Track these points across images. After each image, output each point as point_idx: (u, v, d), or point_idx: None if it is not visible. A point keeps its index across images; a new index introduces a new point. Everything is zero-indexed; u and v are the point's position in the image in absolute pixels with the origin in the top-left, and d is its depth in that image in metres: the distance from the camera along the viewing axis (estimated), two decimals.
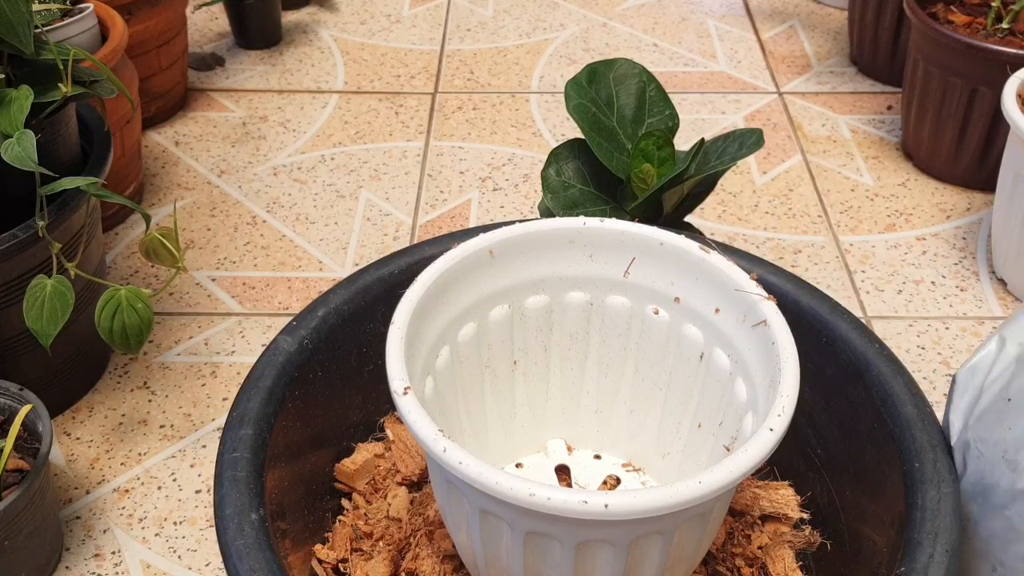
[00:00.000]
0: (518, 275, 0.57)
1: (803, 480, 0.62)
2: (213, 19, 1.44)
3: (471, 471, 0.43)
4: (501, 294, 0.57)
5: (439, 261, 0.54)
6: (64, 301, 0.68)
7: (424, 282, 0.52)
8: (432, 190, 1.10)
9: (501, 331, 0.58)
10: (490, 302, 0.57)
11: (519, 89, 1.29)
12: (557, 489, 0.42)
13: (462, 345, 0.56)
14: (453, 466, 0.43)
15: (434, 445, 0.44)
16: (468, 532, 0.49)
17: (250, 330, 0.92)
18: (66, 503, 0.76)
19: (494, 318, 0.57)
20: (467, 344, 0.56)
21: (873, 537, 0.54)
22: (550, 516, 0.42)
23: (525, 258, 0.57)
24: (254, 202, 1.08)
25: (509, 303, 0.58)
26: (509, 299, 0.57)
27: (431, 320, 0.53)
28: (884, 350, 0.57)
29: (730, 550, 0.58)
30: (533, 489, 0.42)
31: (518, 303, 0.58)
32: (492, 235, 0.56)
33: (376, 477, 0.63)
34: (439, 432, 0.44)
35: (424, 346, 0.52)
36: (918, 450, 0.52)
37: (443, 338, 0.54)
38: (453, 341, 0.55)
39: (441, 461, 0.44)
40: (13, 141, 0.66)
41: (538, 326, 0.59)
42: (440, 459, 0.44)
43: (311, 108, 1.24)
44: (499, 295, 0.57)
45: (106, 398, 0.85)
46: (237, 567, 0.46)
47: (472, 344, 0.57)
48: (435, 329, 0.53)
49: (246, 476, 0.51)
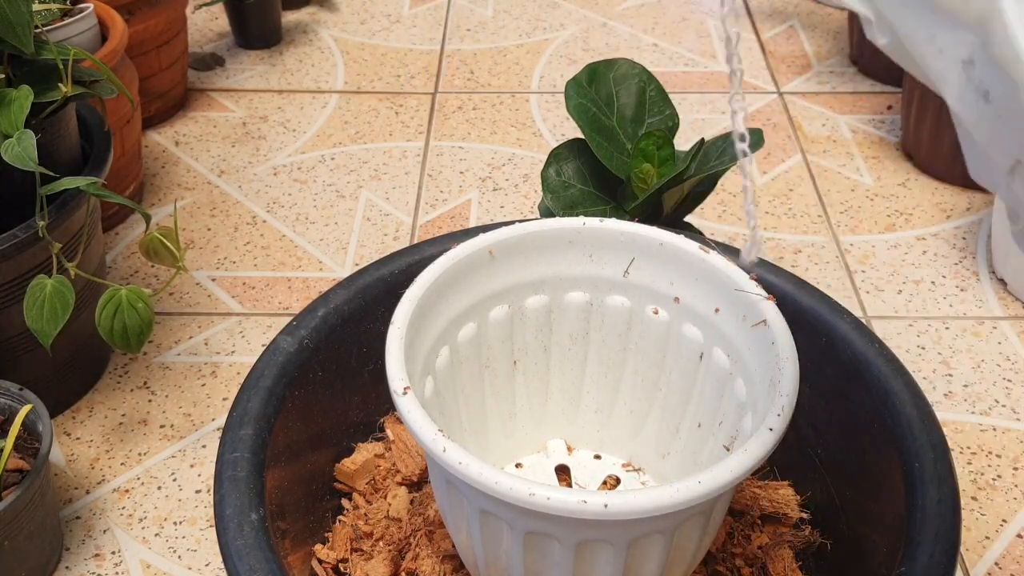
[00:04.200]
0: (518, 275, 0.57)
1: (803, 480, 0.62)
2: (213, 19, 1.44)
3: (471, 471, 0.43)
4: (501, 294, 0.57)
5: (439, 261, 0.54)
6: (64, 301, 0.68)
7: (424, 282, 0.52)
8: (432, 190, 1.10)
9: (501, 331, 0.58)
10: (490, 302, 0.57)
11: (519, 89, 1.29)
12: (557, 489, 0.42)
13: (462, 345, 0.56)
14: (453, 466, 0.43)
15: (434, 445, 0.44)
16: (468, 532, 0.49)
17: (250, 330, 0.92)
18: (66, 503, 0.76)
19: (494, 318, 0.57)
20: (467, 344, 0.56)
21: (873, 537, 0.54)
22: (550, 516, 0.42)
23: (525, 258, 0.57)
24: (254, 202, 1.08)
25: (509, 303, 0.58)
26: (509, 299, 0.57)
27: (431, 320, 0.53)
28: (884, 350, 0.57)
29: (730, 550, 0.58)
30: (533, 489, 0.42)
31: (518, 303, 0.58)
32: (492, 235, 0.56)
33: (376, 477, 0.63)
34: (439, 432, 0.44)
35: (424, 346, 0.52)
36: (918, 450, 0.52)
37: (443, 338, 0.54)
38: (453, 341, 0.55)
39: (441, 461, 0.44)
40: (13, 141, 0.66)
41: (538, 326, 0.59)
42: (440, 459, 0.44)
43: (311, 108, 1.24)
44: (499, 295, 0.57)
45: (106, 398, 0.85)
46: (237, 567, 0.46)
47: (472, 344, 0.57)
48: (435, 329, 0.54)
49: (246, 476, 0.51)
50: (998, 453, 0.80)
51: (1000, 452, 0.81)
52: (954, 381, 0.87)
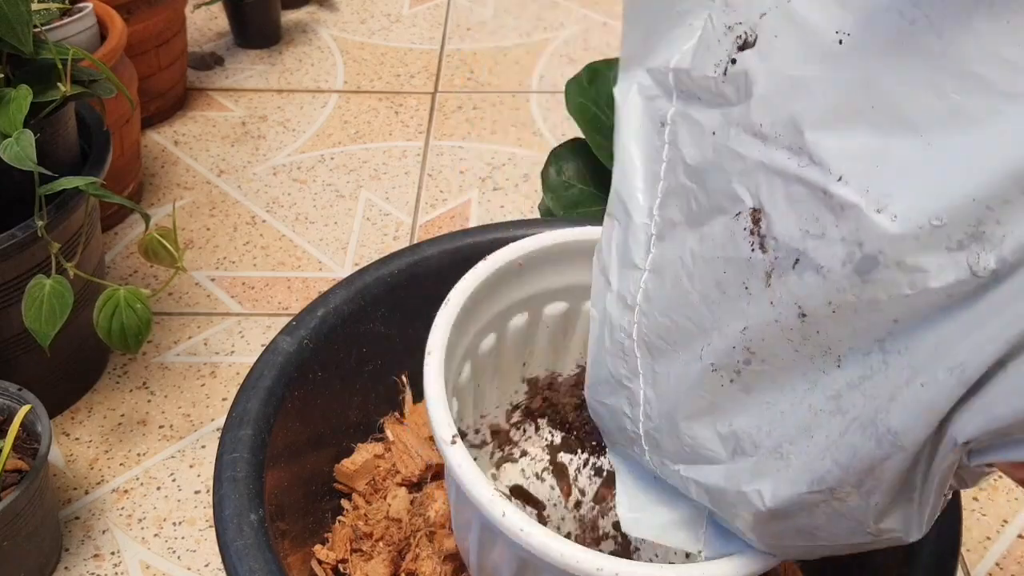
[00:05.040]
0: (543, 284, 0.55)
1: None
2: (212, 18, 1.43)
3: (534, 541, 0.40)
4: (524, 302, 0.56)
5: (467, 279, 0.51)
6: (63, 301, 0.68)
7: (456, 303, 0.50)
8: (432, 190, 1.10)
9: (518, 337, 0.57)
10: (512, 311, 0.56)
11: (519, 89, 1.29)
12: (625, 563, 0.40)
13: (481, 357, 0.55)
14: (514, 532, 0.40)
15: (491, 508, 0.41)
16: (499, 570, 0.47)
17: (249, 330, 0.91)
18: (65, 503, 0.76)
19: (513, 326, 0.56)
20: (486, 355, 0.55)
21: None
22: None
23: (553, 268, 0.55)
24: (253, 202, 1.08)
25: (529, 311, 0.57)
26: (530, 307, 0.56)
27: (460, 340, 0.51)
28: None
29: None
30: (601, 563, 0.40)
31: (537, 310, 0.57)
32: (520, 245, 0.53)
33: (376, 477, 0.63)
34: (495, 492, 0.42)
35: (452, 369, 0.50)
36: None
37: (467, 354, 0.53)
38: (474, 355, 0.54)
39: (500, 526, 0.41)
40: (12, 140, 0.65)
41: (553, 332, 0.59)
42: (499, 524, 0.41)
43: (311, 108, 1.24)
44: (522, 303, 0.56)
45: (105, 398, 0.85)
46: (236, 567, 0.46)
47: (491, 355, 0.56)
48: (461, 348, 0.52)
49: (245, 476, 0.51)
50: None
51: None
52: None
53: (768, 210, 0.34)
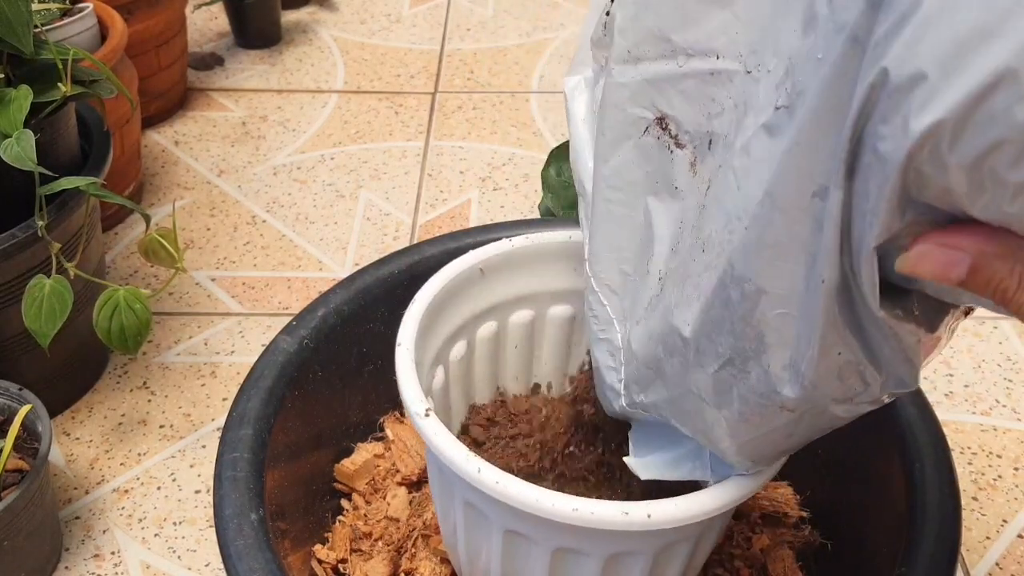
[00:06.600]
0: (506, 291, 0.56)
1: (803, 480, 0.62)
2: (213, 19, 1.44)
3: (511, 490, 0.41)
4: (490, 311, 0.56)
5: (434, 280, 0.53)
6: (63, 301, 0.68)
7: (422, 301, 0.51)
8: (432, 190, 1.10)
9: (487, 348, 0.58)
10: (479, 320, 0.56)
11: (519, 89, 1.29)
12: (598, 503, 0.41)
13: (452, 364, 0.56)
14: (489, 486, 0.42)
15: (467, 465, 0.42)
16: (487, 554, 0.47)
17: (250, 330, 0.91)
18: (65, 503, 0.76)
19: (481, 336, 0.57)
20: (456, 364, 0.56)
21: (873, 537, 0.54)
22: (586, 530, 0.41)
23: (513, 274, 0.56)
24: (254, 202, 1.08)
25: (497, 320, 0.57)
26: (497, 316, 0.57)
27: (430, 340, 0.52)
28: None
29: (729, 551, 0.58)
30: (576, 504, 0.41)
31: (504, 319, 0.57)
32: (481, 252, 0.55)
33: (376, 477, 0.63)
34: (469, 452, 0.43)
35: (424, 367, 0.51)
36: (919, 450, 0.52)
37: (438, 359, 0.54)
38: (446, 361, 0.55)
39: (476, 482, 0.42)
40: (12, 141, 0.65)
41: (518, 341, 0.59)
42: (474, 480, 0.42)
43: (311, 108, 1.24)
44: (488, 312, 0.56)
45: (105, 398, 0.85)
46: (237, 567, 0.46)
47: (461, 364, 0.56)
48: (432, 350, 0.53)
49: (246, 476, 0.51)
50: (999, 453, 0.80)
51: (1001, 452, 0.80)
52: (955, 381, 0.87)
53: (670, 112, 0.39)
